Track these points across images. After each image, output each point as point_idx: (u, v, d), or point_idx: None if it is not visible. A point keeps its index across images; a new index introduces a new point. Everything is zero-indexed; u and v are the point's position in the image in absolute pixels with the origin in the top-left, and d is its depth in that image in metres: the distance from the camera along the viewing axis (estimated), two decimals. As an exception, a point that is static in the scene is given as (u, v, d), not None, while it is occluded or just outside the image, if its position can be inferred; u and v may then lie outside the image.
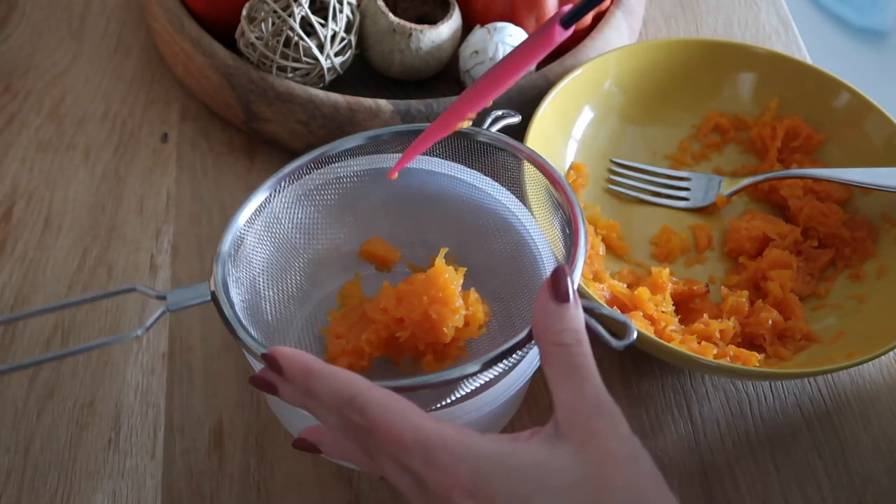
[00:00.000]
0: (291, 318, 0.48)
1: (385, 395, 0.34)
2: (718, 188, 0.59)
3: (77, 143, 0.62)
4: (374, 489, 0.46)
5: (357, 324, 0.44)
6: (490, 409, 0.41)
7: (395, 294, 0.43)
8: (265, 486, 0.46)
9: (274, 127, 0.59)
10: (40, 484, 0.46)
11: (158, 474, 0.47)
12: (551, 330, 0.35)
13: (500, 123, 0.48)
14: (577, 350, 0.35)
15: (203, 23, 0.62)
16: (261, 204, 0.45)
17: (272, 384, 0.37)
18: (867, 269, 0.54)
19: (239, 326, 0.39)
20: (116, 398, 0.49)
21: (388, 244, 0.49)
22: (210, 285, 0.40)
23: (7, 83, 0.65)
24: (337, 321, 0.45)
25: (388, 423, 0.33)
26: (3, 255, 0.55)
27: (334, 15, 0.58)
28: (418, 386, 0.36)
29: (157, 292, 0.40)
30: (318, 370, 0.35)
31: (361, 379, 0.35)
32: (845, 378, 0.53)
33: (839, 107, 0.59)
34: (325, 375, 0.35)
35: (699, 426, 0.50)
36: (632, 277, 0.54)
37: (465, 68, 0.61)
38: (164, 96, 0.65)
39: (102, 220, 0.57)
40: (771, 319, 0.51)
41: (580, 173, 0.58)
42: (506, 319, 0.47)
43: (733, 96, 0.63)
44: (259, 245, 0.45)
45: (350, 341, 0.44)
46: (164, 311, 0.40)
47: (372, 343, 0.43)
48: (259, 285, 0.45)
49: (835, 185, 0.57)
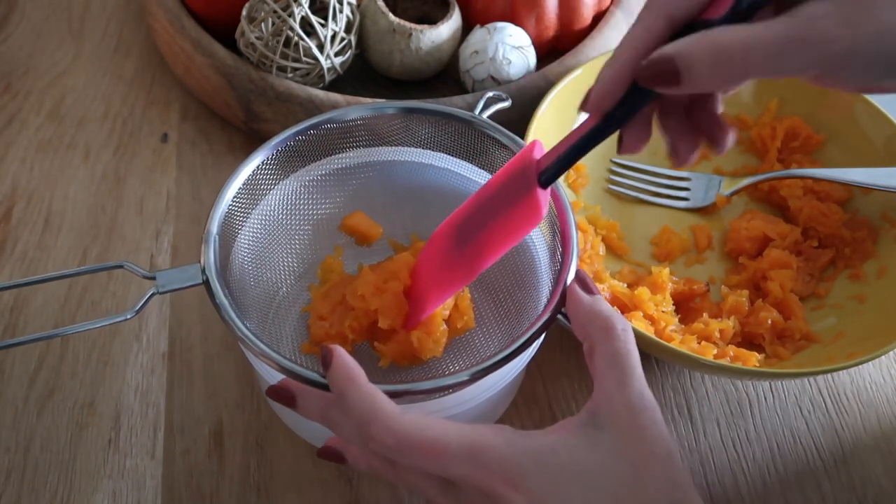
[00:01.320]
0: (274, 293, 0.47)
1: (413, 417, 0.33)
2: (718, 188, 0.59)
3: (77, 143, 0.62)
4: (374, 489, 0.46)
5: (339, 305, 0.44)
6: (483, 398, 0.41)
7: (374, 282, 0.43)
8: (265, 486, 0.46)
9: (274, 127, 0.59)
10: (40, 484, 0.46)
11: (158, 474, 0.47)
12: (596, 316, 0.36)
13: (492, 108, 0.48)
14: (625, 337, 0.35)
15: (203, 23, 0.62)
16: (247, 179, 0.44)
17: (292, 397, 0.37)
18: (867, 269, 0.54)
19: (232, 314, 0.38)
20: (116, 398, 0.49)
21: (370, 219, 0.49)
22: (201, 266, 0.39)
23: (7, 83, 0.65)
24: (319, 300, 0.45)
25: (432, 439, 0.33)
26: (3, 255, 0.55)
27: (334, 15, 0.58)
28: (409, 392, 0.36)
29: (147, 272, 0.39)
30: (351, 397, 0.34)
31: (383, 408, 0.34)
32: (845, 378, 0.53)
33: (839, 107, 0.59)
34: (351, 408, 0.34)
35: (699, 426, 0.50)
36: (632, 277, 0.54)
37: (465, 68, 0.62)
38: (164, 96, 0.65)
39: (102, 220, 0.57)
40: (770, 319, 0.51)
41: (580, 173, 0.58)
42: (499, 311, 0.47)
43: (733, 96, 0.62)
44: (247, 222, 0.45)
45: (333, 325, 0.43)
46: (153, 292, 0.39)
47: (354, 330, 0.43)
48: (244, 262, 0.44)
49: (835, 185, 0.57)
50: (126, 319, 0.38)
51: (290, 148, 0.45)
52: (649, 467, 0.32)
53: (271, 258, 0.47)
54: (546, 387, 0.51)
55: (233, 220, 0.43)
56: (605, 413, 0.33)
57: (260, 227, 0.46)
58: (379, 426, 0.33)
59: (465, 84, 0.62)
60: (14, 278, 0.54)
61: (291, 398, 0.37)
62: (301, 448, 0.48)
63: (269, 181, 0.45)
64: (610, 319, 0.35)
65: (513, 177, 0.38)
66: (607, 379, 0.34)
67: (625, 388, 0.33)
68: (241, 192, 0.43)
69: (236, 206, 0.43)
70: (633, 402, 0.33)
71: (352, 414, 0.34)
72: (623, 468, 0.32)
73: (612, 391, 0.34)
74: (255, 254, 0.46)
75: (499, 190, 0.39)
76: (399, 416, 0.33)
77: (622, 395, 0.33)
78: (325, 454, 0.38)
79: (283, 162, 0.45)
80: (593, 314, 0.36)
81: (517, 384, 0.48)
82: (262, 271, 0.46)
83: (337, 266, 0.47)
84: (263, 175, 0.45)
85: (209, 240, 0.40)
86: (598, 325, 0.35)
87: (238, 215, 0.44)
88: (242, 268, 0.44)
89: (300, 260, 0.49)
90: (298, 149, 0.46)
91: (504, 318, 0.47)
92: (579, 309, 0.37)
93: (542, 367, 0.52)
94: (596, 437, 0.33)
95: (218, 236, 0.41)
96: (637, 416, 0.33)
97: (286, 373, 0.36)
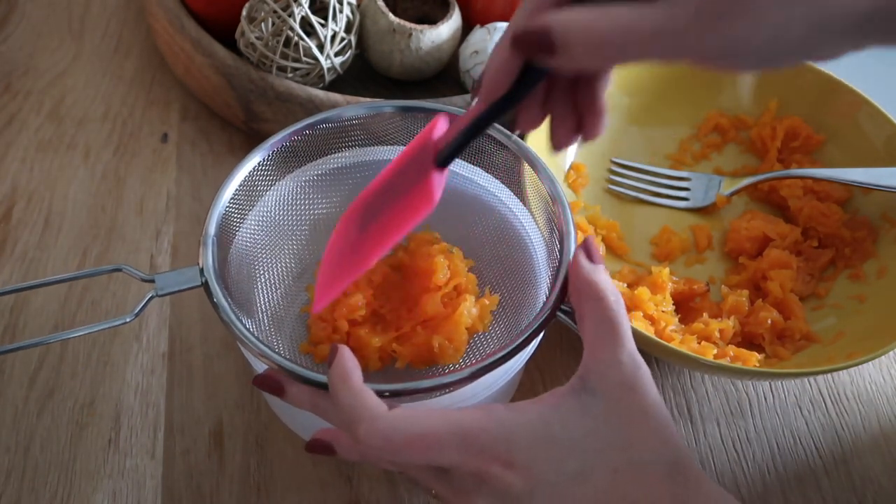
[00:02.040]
0: (273, 294, 0.47)
1: (399, 412, 0.33)
2: (718, 188, 0.59)
3: (77, 143, 0.62)
4: (374, 489, 0.46)
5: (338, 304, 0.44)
6: (482, 396, 0.41)
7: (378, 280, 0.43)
8: (265, 486, 0.46)
9: (274, 127, 0.59)
10: (40, 484, 0.46)
11: (158, 474, 0.47)
12: (591, 284, 0.36)
13: None
14: (617, 307, 0.35)
15: (203, 23, 0.62)
16: (244, 181, 0.43)
17: (280, 386, 0.37)
18: (867, 269, 0.54)
19: (231, 315, 0.38)
20: (116, 398, 0.49)
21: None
22: (200, 268, 0.39)
23: (7, 83, 0.65)
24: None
25: (419, 433, 0.32)
26: (3, 255, 0.55)
27: (334, 15, 0.58)
28: (409, 391, 0.36)
29: (145, 275, 0.39)
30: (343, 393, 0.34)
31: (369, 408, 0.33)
32: (845, 378, 0.53)
33: (839, 107, 0.59)
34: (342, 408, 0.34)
35: (699, 426, 0.50)
36: (632, 277, 0.54)
37: (465, 68, 0.62)
38: (164, 96, 0.65)
39: (102, 220, 0.57)
40: (770, 319, 0.51)
41: (580, 173, 0.58)
42: (498, 309, 0.47)
43: (733, 96, 0.63)
44: (244, 223, 0.44)
45: (330, 323, 0.44)
46: (152, 295, 0.39)
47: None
48: (243, 263, 0.44)
49: (835, 185, 0.57)
50: (125, 323, 0.38)
51: (287, 148, 0.45)
52: (642, 427, 0.32)
53: (269, 259, 0.47)
54: (546, 385, 0.51)
55: (230, 222, 0.43)
56: (595, 376, 0.33)
57: (258, 227, 0.46)
58: (366, 427, 0.33)
59: (465, 84, 0.62)
60: (14, 278, 0.54)
61: (280, 387, 0.37)
62: (301, 448, 0.48)
63: (266, 182, 0.45)
64: (604, 289, 0.35)
65: (412, 157, 0.37)
66: (597, 343, 0.34)
67: (615, 351, 0.34)
68: (238, 194, 0.43)
69: (234, 208, 0.43)
70: (624, 363, 0.33)
71: (341, 413, 0.34)
72: (616, 431, 0.32)
73: (601, 354, 0.34)
74: (253, 254, 0.46)
75: (400, 170, 0.38)
76: (384, 415, 0.33)
77: (612, 357, 0.33)
78: (314, 447, 0.37)
79: (279, 162, 0.45)
80: (590, 281, 0.36)
81: (516, 381, 0.48)
82: (260, 272, 0.46)
83: None
84: (260, 176, 0.45)
85: (207, 242, 0.40)
86: (591, 292, 0.35)
87: (236, 216, 0.44)
88: (240, 269, 0.44)
89: (298, 260, 0.49)
90: (295, 149, 0.46)
91: (503, 316, 0.47)
92: (578, 274, 0.37)
93: (542, 366, 0.52)
94: (587, 401, 0.33)
95: (216, 238, 0.41)
96: (627, 376, 0.33)
97: (286, 373, 0.36)
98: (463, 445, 0.32)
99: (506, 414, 0.33)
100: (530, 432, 0.32)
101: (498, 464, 0.32)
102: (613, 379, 0.33)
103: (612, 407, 0.32)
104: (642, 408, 0.32)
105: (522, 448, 0.32)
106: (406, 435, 0.32)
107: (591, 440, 0.32)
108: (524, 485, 0.32)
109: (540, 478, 0.32)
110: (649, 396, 0.33)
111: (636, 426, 0.32)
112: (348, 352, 0.35)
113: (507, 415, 0.33)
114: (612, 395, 0.33)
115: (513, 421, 0.32)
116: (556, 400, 0.34)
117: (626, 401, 0.33)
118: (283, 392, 0.37)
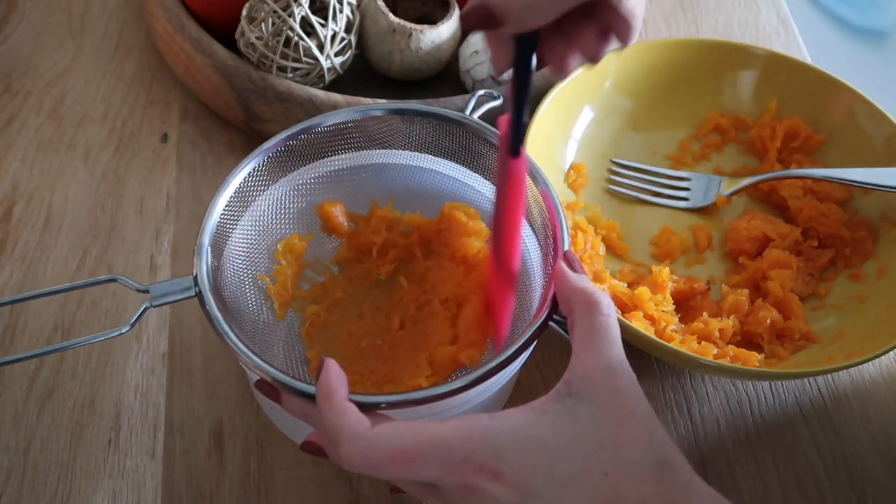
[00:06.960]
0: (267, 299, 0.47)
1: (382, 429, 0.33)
2: (718, 188, 0.59)
3: (77, 143, 0.62)
4: (374, 489, 0.46)
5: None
6: (476, 402, 0.41)
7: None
8: (265, 486, 0.46)
9: (274, 127, 0.59)
10: (40, 484, 0.46)
11: (158, 474, 0.47)
12: (578, 292, 0.36)
13: (484, 107, 0.48)
14: (608, 313, 0.35)
15: (203, 23, 0.62)
16: (238, 188, 0.43)
17: (277, 393, 0.37)
18: (867, 269, 0.54)
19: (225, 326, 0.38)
20: (116, 398, 0.49)
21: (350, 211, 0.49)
22: (193, 276, 0.39)
23: (7, 83, 0.65)
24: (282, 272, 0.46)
25: (401, 449, 0.32)
26: (3, 255, 0.55)
27: (334, 15, 0.58)
28: (404, 402, 0.36)
29: (140, 285, 0.39)
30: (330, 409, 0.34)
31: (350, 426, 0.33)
32: (845, 378, 0.53)
33: (839, 107, 0.59)
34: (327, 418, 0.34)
35: (699, 426, 0.50)
36: (632, 277, 0.54)
37: (465, 68, 0.62)
38: (164, 96, 0.65)
39: (102, 220, 0.57)
40: (769, 319, 0.51)
41: (580, 173, 0.58)
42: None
43: (733, 96, 0.63)
44: (238, 230, 0.45)
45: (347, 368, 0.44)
46: (146, 306, 0.39)
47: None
48: (236, 268, 0.44)
49: (835, 185, 0.57)
50: (121, 334, 0.38)
51: (281, 153, 0.45)
52: (631, 427, 0.32)
53: (262, 263, 0.47)
54: (547, 387, 0.51)
55: (224, 229, 0.43)
56: (582, 381, 0.33)
57: (251, 231, 0.46)
58: (346, 447, 0.33)
59: (465, 84, 0.62)
60: (14, 278, 0.54)
61: (277, 394, 0.38)
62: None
63: (259, 187, 0.45)
64: (594, 295, 0.36)
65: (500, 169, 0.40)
66: (585, 348, 0.34)
67: (602, 355, 0.34)
68: (232, 201, 0.43)
69: (227, 215, 0.43)
70: (610, 367, 0.33)
71: (326, 430, 0.34)
72: (605, 433, 0.32)
73: (588, 359, 0.34)
74: (246, 259, 0.46)
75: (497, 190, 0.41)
76: (365, 433, 0.33)
77: (599, 361, 0.34)
78: (307, 449, 0.38)
79: (273, 167, 0.45)
80: (577, 290, 0.36)
81: (511, 385, 0.49)
82: (253, 276, 0.46)
83: (299, 248, 0.47)
84: (254, 182, 0.45)
85: (201, 252, 0.40)
86: (581, 300, 0.36)
87: (230, 224, 0.44)
88: (234, 274, 0.44)
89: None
90: (289, 153, 0.46)
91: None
92: (564, 284, 0.37)
93: (542, 368, 0.52)
94: (573, 406, 0.33)
95: (210, 247, 0.41)
96: (614, 379, 0.33)
97: (277, 384, 0.37)
98: (445, 458, 0.32)
99: (490, 422, 0.32)
100: (517, 439, 0.32)
101: (484, 474, 0.31)
102: (598, 382, 0.33)
103: (598, 409, 0.32)
104: (629, 408, 0.32)
105: (510, 456, 0.31)
106: (386, 451, 0.32)
107: (579, 444, 0.32)
108: (514, 495, 0.31)
109: (530, 486, 0.31)
110: (635, 398, 0.33)
111: (624, 426, 0.32)
112: (335, 367, 0.35)
113: (492, 423, 0.32)
114: (597, 398, 0.33)
115: (498, 428, 0.32)
116: (541, 405, 0.33)
117: (612, 402, 0.32)
118: (280, 398, 0.38)
